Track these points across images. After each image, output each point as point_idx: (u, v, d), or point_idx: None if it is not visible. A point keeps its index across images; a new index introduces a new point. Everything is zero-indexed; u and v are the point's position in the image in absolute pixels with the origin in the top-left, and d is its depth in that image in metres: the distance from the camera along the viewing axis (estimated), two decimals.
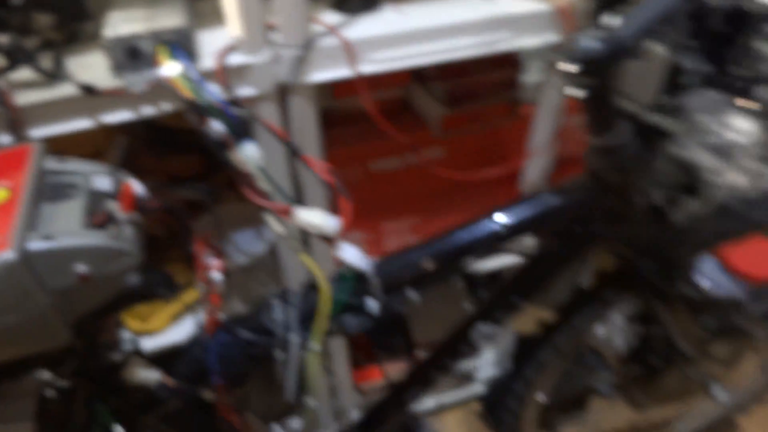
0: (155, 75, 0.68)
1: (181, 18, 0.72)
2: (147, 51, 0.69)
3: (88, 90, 0.69)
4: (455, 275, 0.73)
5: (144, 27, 0.70)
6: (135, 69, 0.70)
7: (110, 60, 0.70)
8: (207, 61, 0.73)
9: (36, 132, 0.72)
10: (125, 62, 0.70)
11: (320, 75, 0.80)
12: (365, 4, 0.84)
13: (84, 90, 0.69)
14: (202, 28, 0.78)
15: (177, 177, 1.05)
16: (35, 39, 0.72)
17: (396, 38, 0.81)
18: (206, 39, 0.77)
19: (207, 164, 1.11)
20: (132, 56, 0.70)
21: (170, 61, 0.68)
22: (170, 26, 0.71)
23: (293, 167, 0.89)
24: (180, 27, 0.71)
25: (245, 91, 0.76)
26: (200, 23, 0.78)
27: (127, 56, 0.70)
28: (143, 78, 0.69)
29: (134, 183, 0.58)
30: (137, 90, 0.69)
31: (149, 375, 0.70)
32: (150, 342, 0.99)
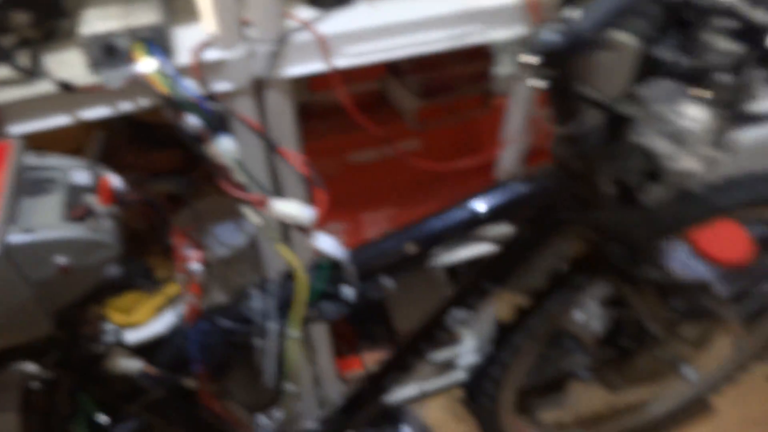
0: (132, 71, 0.70)
1: (157, 15, 0.74)
2: (123, 48, 0.71)
3: (66, 87, 0.70)
4: (426, 265, 0.75)
5: (120, 24, 0.71)
6: (112, 66, 0.71)
7: (87, 57, 0.71)
8: (183, 57, 0.74)
9: (15, 129, 0.73)
10: (102, 59, 0.71)
11: (295, 69, 0.81)
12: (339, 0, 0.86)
13: (62, 87, 0.70)
14: (178, 25, 0.79)
15: (158, 171, 1.06)
16: (12, 37, 0.73)
17: (369, 32, 0.83)
18: (182, 35, 0.78)
19: (188, 158, 1.12)
20: (108, 53, 0.71)
21: (146, 58, 0.69)
22: (146, 23, 0.72)
23: (271, 160, 0.90)
24: (155, 24, 0.72)
25: (221, 86, 0.78)
26: (176, 19, 0.80)
27: (104, 53, 0.71)
28: (120, 74, 0.70)
29: (112, 177, 0.60)
30: (114, 86, 0.70)
31: (131, 364, 0.72)
32: (134, 335, 1.00)
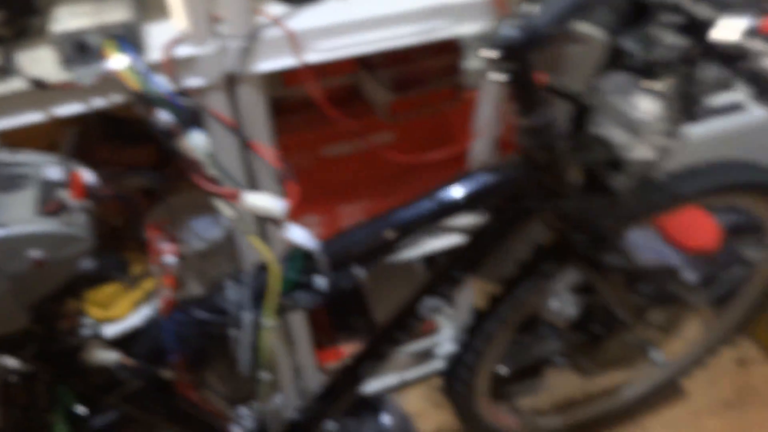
0: (103, 68, 0.71)
1: (128, 12, 0.75)
2: (95, 45, 0.72)
3: (38, 84, 0.71)
4: (394, 255, 0.77)
5: (91, 21, 0.72)
6: (83, 63, 0.72)
7: (59, 54, 0.72)
8: (154, 54, 0.76)
9: None
10: (74, 56, 0.72)
11: (266, 65, 0.83)
12: None
13: (34, 84, 0.71)
14: (150, 21, 0.80)
15: (133, 166, 1.07)
16: None
17: (339, 28, 0.84)
18: (154, 32, 0.79)
19: (163, 154, 1.13)
20: (80, 50, 0.72)
21: (117, 55, 0.70)
22: (117, 20, 0.73)
23: (245, 154, 0.92)
24: (126, 21, 0.73)
25: (193, 82, 0.79)
26: (147, 16, 0.81)
27: (76, 50, 0.72)
28: (92, 71, 0.71)
29: (84, 172, 0.61)
30: (86, 83, 0.71)
31: (108, 356, 0.73)
32: (112, 330, 1.02)
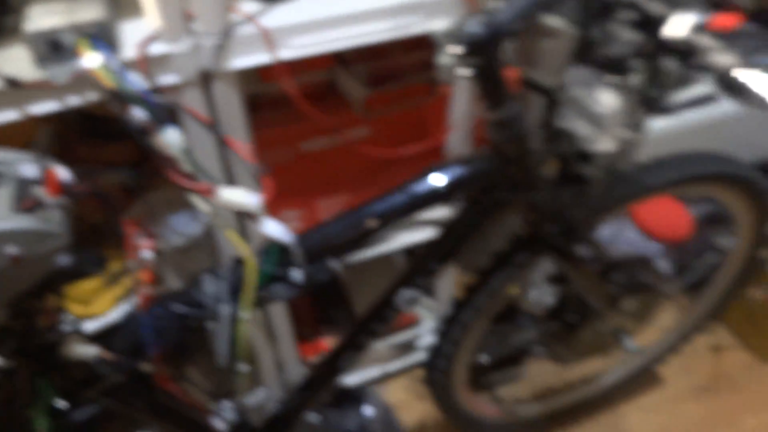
0: (77, 67, 0.71)
1: (101, 10, 0.75)
2: (68, 43, 0.72)
3: (13, 83, 0.72)
4: (367, 247, 0.79)
5: (65, 20, 0.73)
6: (57, 61, 0.73)
7: (33, 53, 0.73)
8: (129, 52, 0.76)
9: None
10: (48, 55, 0.73)
11: (241, 61, 0.84)
12: None
13: (8, 83, 0.72)
14: (124, 19, 0.81)
15: (111, 164, 1.08)
16: None
17: (313, 25, 0.85)
18: (128, 30, 0.80)
19: (141, 151, 1.14)
20: (54, 49, 0.72)
21: (91, 53, 0.71)
22: (90, 19, 0.74)
23: (222, 150, 0.93)
24: (100, 19, 0.74)
25: (168, 79, 0.80)
26: (122, 14, 0.81)
27: (49, 49, 0.72)
28: (66, 70, 0.72)
29: (60, 169, 0.62)
30: (60, 81, 0.72)
31: (88, 350, 0.74)
32: (93, 325, 1.02)
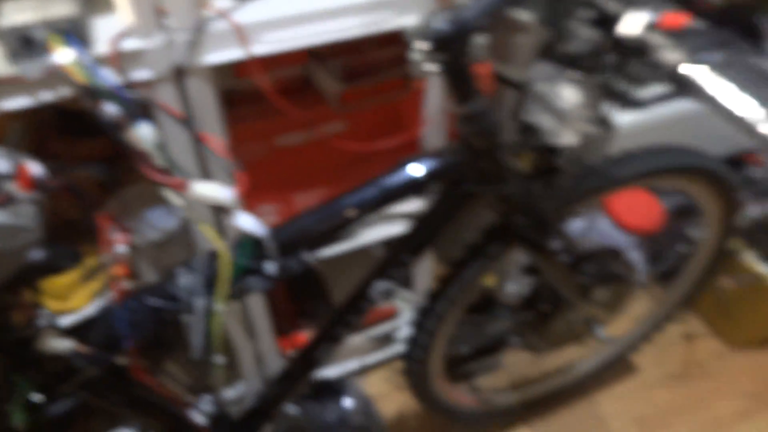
0: (49, 62, 0.72)
1: (73, 6, 0.76)
2: (40, 39, 0.73)
3: None
4: (340, 240, 0.80)
5: (36, 16, 0.73)
6: (29, 57, 0.73)
7: (5, 49, 0.73)
8: (101, 47, 0.77)
9: None
10: (19, 50, 0.73)
11: (214, 57, 0.84)
12: None
13: None
14: (97, 15, 0.81)
15: (87, 159, 1.08)
16: None
17: (285, 20, 0.86)
18: (101, 25, 0.80)
19: (118, 146, 1.14)
20: (26, 44, 0.73)
21: (63, 49, 0.71)
22: (62, 14, 0.74)
23: (198, 145, 0.94)
24: (72, 15, 0.74)
25: (141, 75, 0.81)
26: (94, 10, 0.81)
27: (21, 44, 0.73)
28: (38, 65, 0.72)
29: (31, 164, 0.62)
30: (33, 77, 0.72)
31: (63, 344, 0.75)
32: (70, 320, 1.03)
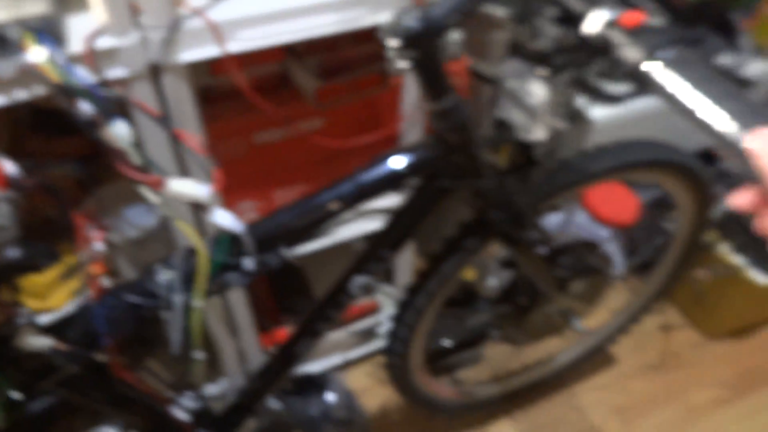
0: (22, 61, 0.72)
1: (47, 4, 0.76)
2: (13, 38, 0.73)
3: None
4: (317, 237, 0.81)
5: (9, 15, 0.73)
6: (2, 55, 0.73)
7: None
8: (75, 46, 0.77)
9: None
10: None
11: (190, 55, 0.85)
12: None
13: None
14: (71, 13, 0.81)
15: (65, 157, 1.08)
16: None
17: (261, 18, 0.87)
18: (75, 23, 0.80)
19: (95, 144, 1.14)
20: None
21: (36, 47, 0.71)
22: (36, 13, 0.74)
23: (175, 143, 0.94)
24: (45, 13, 0.74)
25: (116, 73, 0.81)
26: (68, 8, 0.81)
27: None
28: (11, 64, 0.72)
29: (6, 163, 0.63)
30: (6, 76, 0.72)
31: (42, 342, 0.75)
32: (49, 318, 1.03)
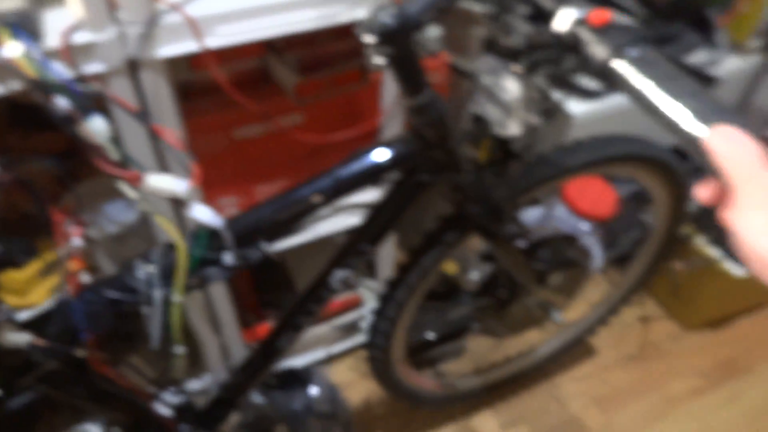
0: None
1: None
2: None
3: None
4: (296, 231, 0.81)
5: None
6: None
7: None
8: (52, 41, 0.77)
9: None
10: None
11: (168, 50, 0.85)
12: None
13: None
14: (48, 8, 0.81)
15: (43, 153, 1.07)
16: None
17: (239, 13, 0.87)
18: (51, 18, 0.80)
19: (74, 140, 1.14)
20: None
21: (12, 42, 0.71)
22: (11, 7, 0.74)
23: (154, 138, 0.94)
24: (21, 8, 0.74)
25: (94, 68, 0.81)
26: (45, 3, 0.81)
27: None
28: None
29: None
30: None
31: (20, 338, 0.75)
32: (29, 315, 1.02)
